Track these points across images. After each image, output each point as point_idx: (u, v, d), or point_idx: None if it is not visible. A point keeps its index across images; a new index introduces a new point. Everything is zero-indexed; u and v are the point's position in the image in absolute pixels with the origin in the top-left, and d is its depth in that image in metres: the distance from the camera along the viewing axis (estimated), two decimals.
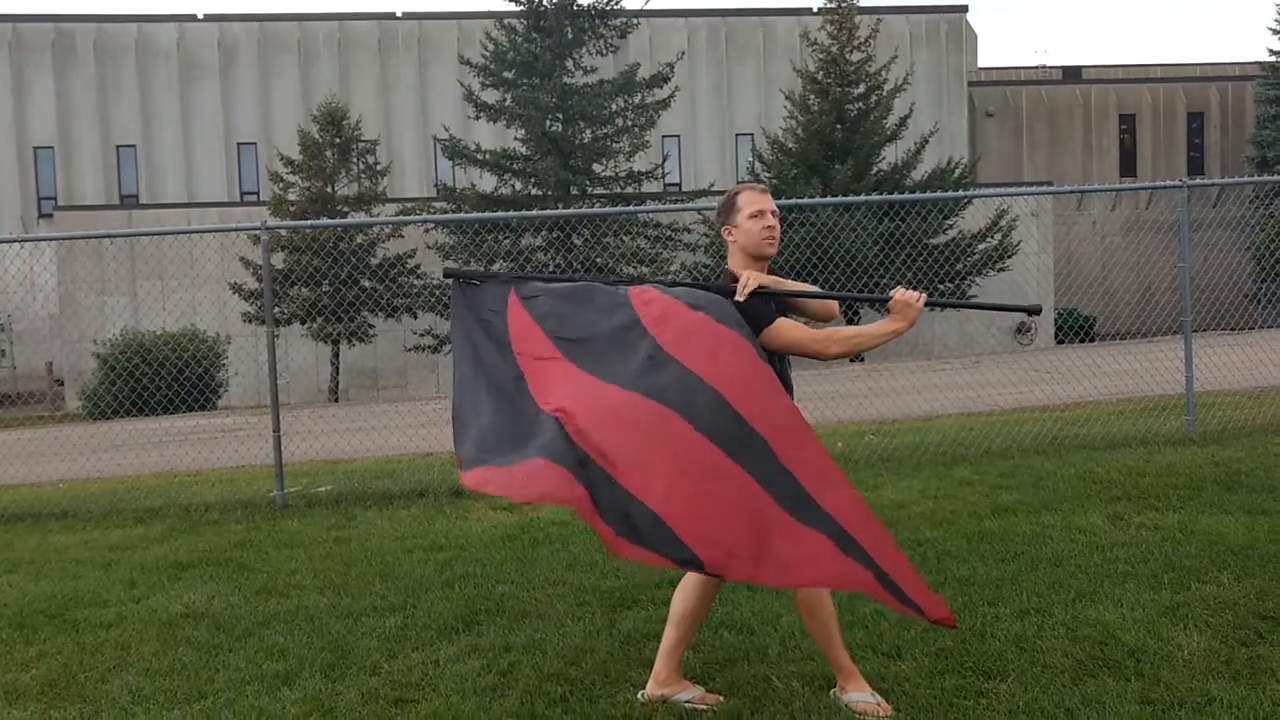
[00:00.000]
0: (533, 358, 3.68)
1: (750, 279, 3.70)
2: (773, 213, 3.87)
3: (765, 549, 3.29)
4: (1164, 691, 3.69)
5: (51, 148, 33.36)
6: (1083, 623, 4.41)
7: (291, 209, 24.83)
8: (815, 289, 4.00)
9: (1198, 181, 9.74)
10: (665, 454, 3.37)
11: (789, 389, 3.83)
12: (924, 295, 3.58)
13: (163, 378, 17.47)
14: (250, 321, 24.10)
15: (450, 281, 3.96)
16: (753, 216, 3.83)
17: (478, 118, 26.95)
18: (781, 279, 3.89)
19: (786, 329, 3.69)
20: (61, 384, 26.00)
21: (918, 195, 11.14)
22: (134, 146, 33.62)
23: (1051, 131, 38.25)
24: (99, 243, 25.12)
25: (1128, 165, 38.45)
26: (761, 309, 3.69)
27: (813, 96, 25.82)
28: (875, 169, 25.30)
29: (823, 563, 3.27)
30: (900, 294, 3.59)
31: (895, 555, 3.30)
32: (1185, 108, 38.69)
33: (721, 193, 4.07)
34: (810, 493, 3.32)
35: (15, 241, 10.16)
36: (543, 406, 3.54)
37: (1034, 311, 3.79)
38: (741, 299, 3.65)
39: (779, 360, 3.80)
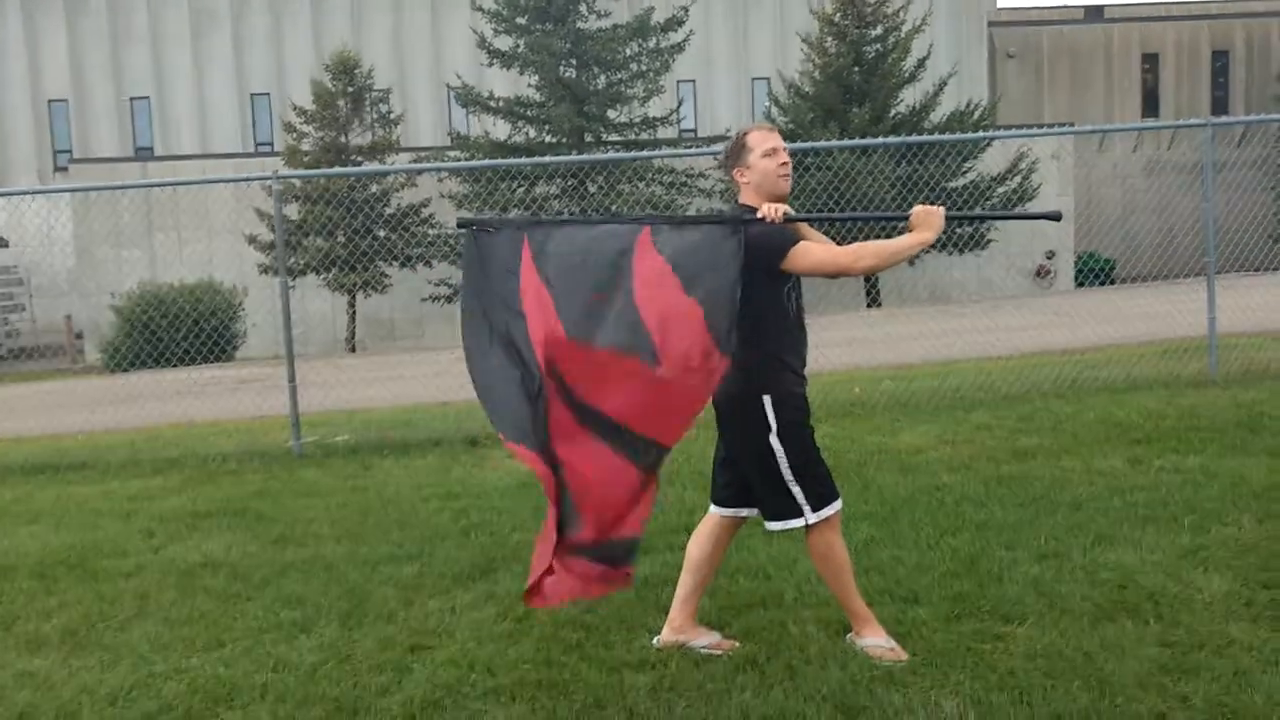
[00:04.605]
0: (538, 321, 3.54)
1: (778, 209, 3.63)
2: (784, 149, 3.82)
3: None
4: (1183, 634, 3.67)
5: (66, 101, 33.21)
6: (1102, 566, 4.39)
7: (305, 159, 24.65)
8: (832, 214, 3.97)
9: (1222, 120, 9.55)
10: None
11: (802, 329, 3.78)
12: (943, 209, 3.59)
13: (180, 329, 17.48)
14: (266, 273, 24.05)
15: (463, 233, 3.77)
16: (766, 155, 3.76)
17: (491, 65, 26.62)
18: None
19: (810, 250, 3.65)
20: (80, 337, 26.11)
21: (936, 137, 10.97)
22: (148, 98, 33.44)
23: (1073, 72, 37.58)
24: (115, 195, 25.06)
25: (1150, 106, 37.77)
26: (783, 236, 3.64)
27: (830, 39, 25.39)
28: (893, 112, 24.92)
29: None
30: (920, 208, 3.62)
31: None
32: (1210, 46, 37.92)
33: None
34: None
35: (32, 194, 10.19)
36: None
37: (1054, 218, 3.83)
38: (776, 219, 3.62)
39: (791, 298, 3.72)
